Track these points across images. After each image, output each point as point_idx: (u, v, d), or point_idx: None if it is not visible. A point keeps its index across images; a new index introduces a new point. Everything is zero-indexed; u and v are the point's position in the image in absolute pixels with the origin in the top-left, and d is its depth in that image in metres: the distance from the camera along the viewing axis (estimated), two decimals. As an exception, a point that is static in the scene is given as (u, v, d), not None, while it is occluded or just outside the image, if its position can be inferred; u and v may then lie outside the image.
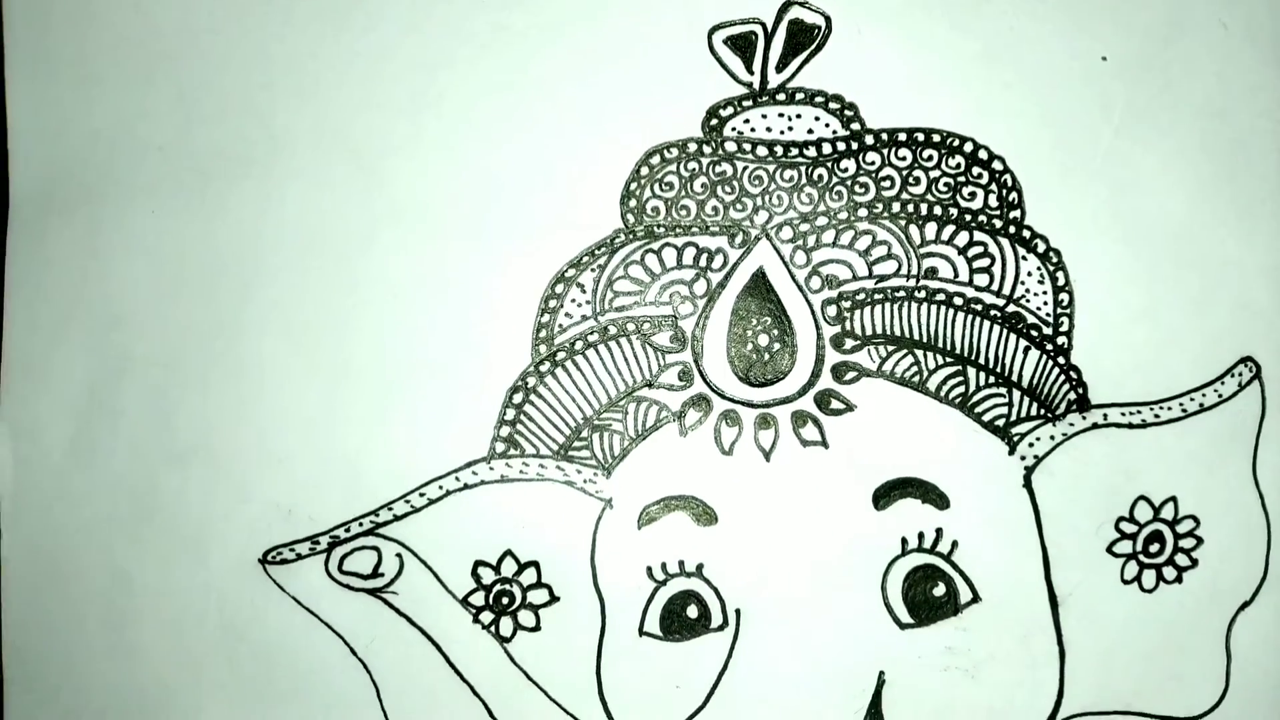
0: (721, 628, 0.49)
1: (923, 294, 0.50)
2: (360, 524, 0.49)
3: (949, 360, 0.50)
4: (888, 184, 0.50)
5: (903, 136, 0.50)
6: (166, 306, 0.50)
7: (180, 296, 0.50)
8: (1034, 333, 0.50)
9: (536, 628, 0.49)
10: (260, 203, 0.50)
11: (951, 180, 0.50)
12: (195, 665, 0.49)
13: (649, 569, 0.49)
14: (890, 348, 0.50)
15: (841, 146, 0.50)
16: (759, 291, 0.50)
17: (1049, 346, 0.50)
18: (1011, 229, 0.50)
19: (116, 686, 0.49)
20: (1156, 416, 0.50)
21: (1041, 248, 0.50)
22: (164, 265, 0.50)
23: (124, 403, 0.50)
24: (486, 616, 0.49)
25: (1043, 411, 0.50)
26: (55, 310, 0.50)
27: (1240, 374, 0.50)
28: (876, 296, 0.50)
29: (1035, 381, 0.50)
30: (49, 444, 0.50)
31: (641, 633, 0.49)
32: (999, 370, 0.50)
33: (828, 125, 0.50)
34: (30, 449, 0.50)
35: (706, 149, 0.50)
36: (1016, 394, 0.50)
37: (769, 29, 0.50)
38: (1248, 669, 0.50)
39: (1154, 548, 0.50)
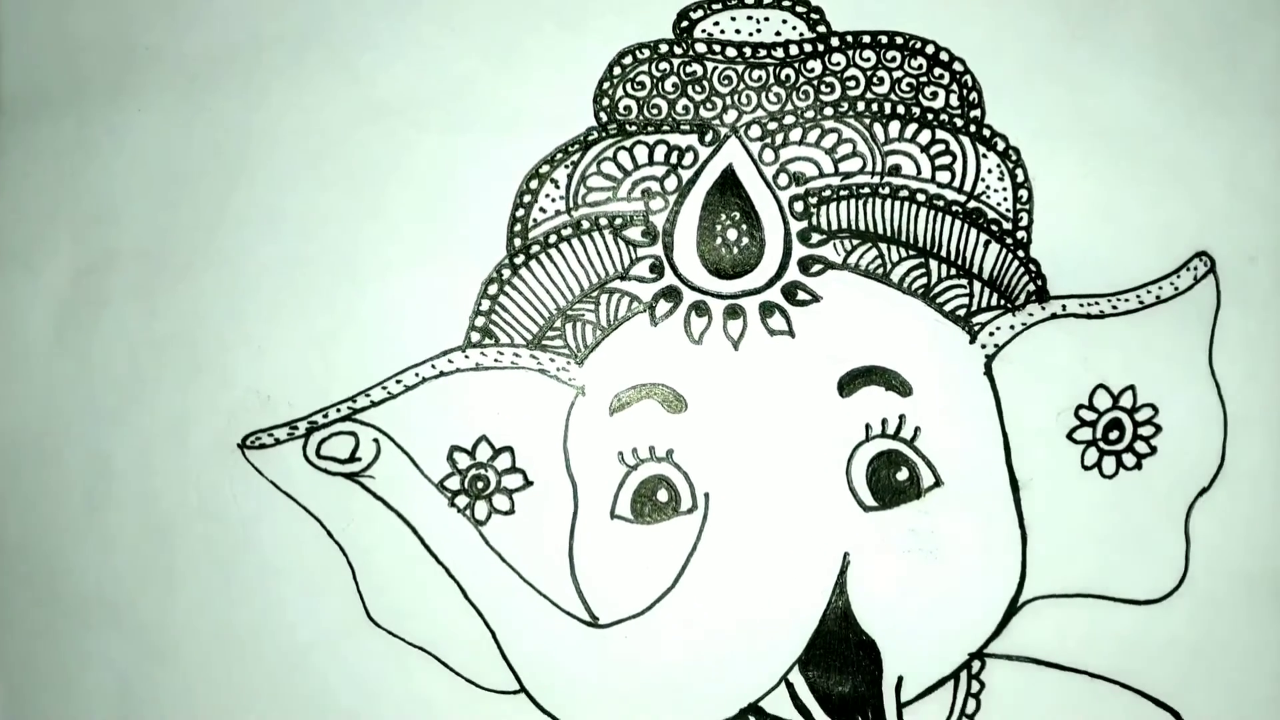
0: (691, 511, 0.50)
1: (887, 190, 0.51)
2: (338, 410, 0.50)
3: (912, 253, 0.51)
4: (852, 84, 0.52)
5: (867, 39, 0.52)
6: (152, 201, 0.51)
7: (166, 192, 0.51)
8: (994, 227, 0.52)
9: (510, 511, 0.51)
10: (244, 102, 0.52)
11: (914, 81, 0.52)
12: (173, 548, 0.50)
13: (620, 454, 0.50)
14: (855, 241, 0.51)
15: (808, 48, 0.52)
16: (728, 188, 0.51)
17: (1009, 241, 0.52)
18: (972, 128, 0.52)
19: (95, 568, 0.51)
20: (1114, 308, 0.52)
21: (1001, 146, 0.52)
22: (150, 162, 0.52)
23: (108, 292, 0.51)
24: (462, 500, 0.50)
25: (1002, 302, 0.51)
26: (43, 205, 0.52)
27: (1195, 268, 0.52)
28: (842, 193, 0.51)
29: (995, 273, 0.51)
30: (33, 332, 0.51)
31: (613, 516, 0.50)
32: (960, 263, 0.52)
33: (794, 28, 0.52)
34: (14, 336, 0.51)
35: (677, 50, 0.52)
36: (977, 285, 0.52)
37: (737, -65, 0.52)
38: (1207, 554, 0.51)
39: (1113, 435, 0.51)
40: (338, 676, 0.50)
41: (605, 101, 0.51)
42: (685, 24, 0.52)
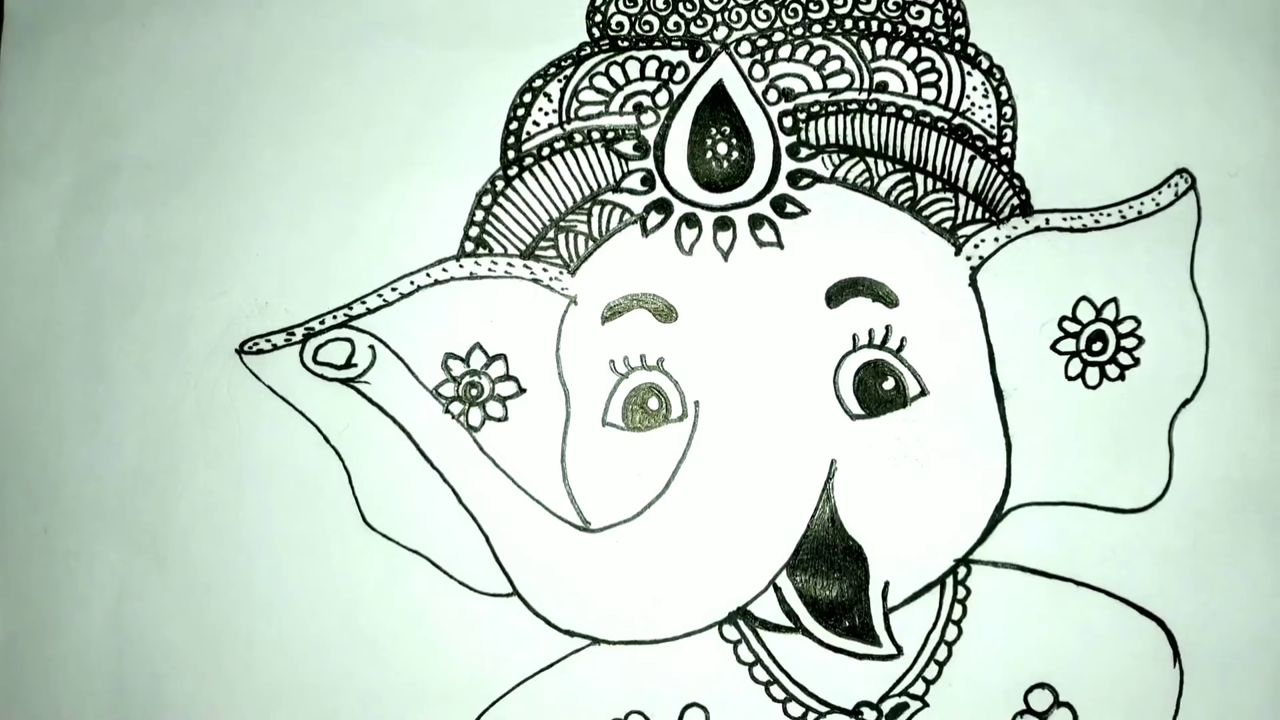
0: (681, 419, 0.51)
1: (874, 106, 0.52)
2: (334, 316, 0.51)
3: (898, 167, 0.52)
4: (840, 2, 0.53)
5: (854, -41, 0.53)
6: (154, 114, 0.53)
7: (167, 105, 0.53)
8: (979, 143, 0.53)
9: (504, 418, 0.51)
10: (244, 17, 0.53)
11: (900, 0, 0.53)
12: (171, 451, 0.51)
13: (611, 362, 0.51)
14: (843, 156, 0.52)
15: (797, -33, 0.53)
16: (718, 103, 0.52)
17: (993, 156, 0.53)
18: (957, 46, 0.53)
19: (94, 471, 0.51)
20: (1097, 222, 0.53)
21: (985, 64, 0.53)
22: (152, 77, 0.53)
23: (110, 202, 0.52)
24: (456, 407, 0.51)
25: (987, 215, 0.52)
26: (48, 117, 0.53)
27: (1176, 184, 0.53)
28: (830, 108, 0.52)
29: (980, 187, 0.52)
30: (37, 240, 0.52)
31: (604, 423, 0.51)
32: (945, 177, 0.53)
33: (783, -52, 0.53)
34: (19, 244, 0.52)
35: (669, -32, 0.53)
36: (962, 199, 0.52)
37: None
38: (1190, 463, 0.52)
39: (1097, 346, 0.52)
40: (332, 579, 0.51)
41: (598, 17, 0.53)
42: (677, -57, 0.53)
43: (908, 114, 0.52)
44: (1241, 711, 0.52)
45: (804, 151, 0.52)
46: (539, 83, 0.52)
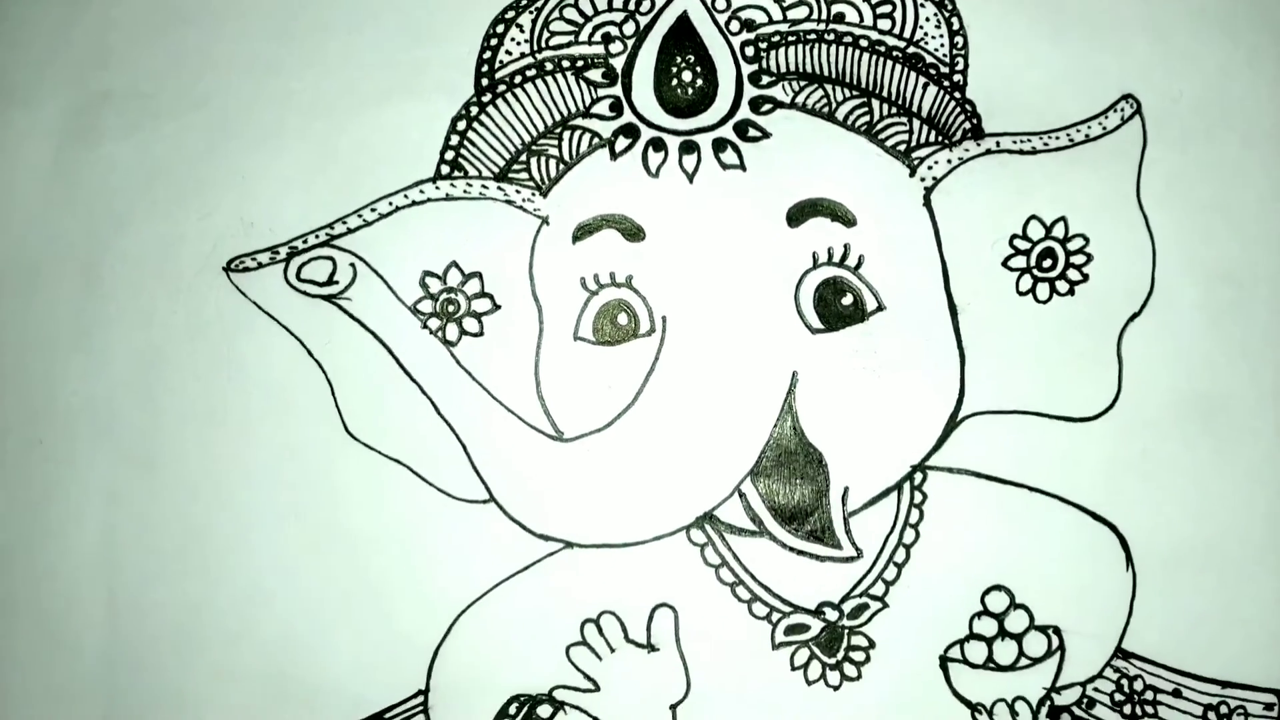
0: (649, 333, 0.53)
1: (831, 36, 0.55)
2: (317, 236, 0.53)
3: (855, 94, 0.55)
4: (799, -63, 0.55)
5: (811, -106, 0.55)
6: (145, 45, 0.55)
7: (159, 36, 0.55)
8: (932, 71, 0.55)
9: (480, 333, 0.54)
10: (233, -47, 0.55)
11: (856, -67, 0.55)
12: (160, 364, 0.53)
13: (582, 280, 0.54)
14: (802, 83, 0.55)
15: (758, -98, 0.55)
16: (683, 33, 0.55)
17: (945, 83, 0.55)
18: (911, -21, 0.56)
19: (85, 383, 0.53)
20: (1045, 145, 0.55)
21: (938, -3, 0.56)
22: (144, 8, 0.55)
23: (102, 129, 0.55)
24: (434, 322, 0.53)
25: (940, 139, 0.55)
26: (41, 49, 0.55)
27: (1122, 109, 0.55)
28: (790, 38, 0.55)
29: (934, 112, 0.55)
30: (30, 164, 0.54)
31: (576, 338, 0.54)
32: (900, 103, 0.55)
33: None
34: (12, 169, 0.55)
35: (635, -99, 0.55)
36: (916, 123, 0.55)
37: None
38: (1139, 375, 0.54)
39: (1046, 263, 0.54)
40: (315, 487, 0.53)
41: (568, -48, 0.55)
42: (643, -124, 0.55)
43: (864, 43, 0.55)
44: (1192, 612, 0.54)
45: (765, 79, 0.55)
46: (511, 14, 0.55)
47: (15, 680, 0.52)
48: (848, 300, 0.54)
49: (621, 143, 0.54)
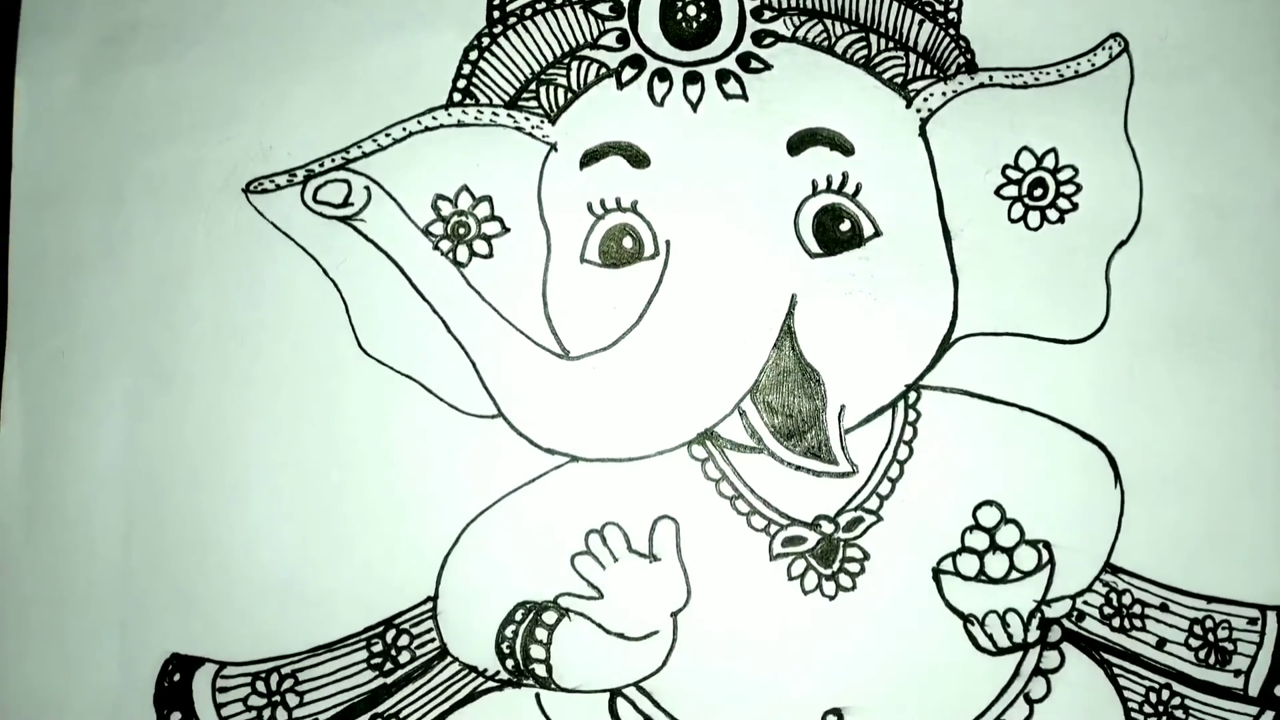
0: (653, 256, 0.55)
1: (832, -27, 0.57)
2: (333, 159, 0.55)
3: (854, 28, 0.57)
4: (799, -122, 0.57)
5: None
6: (169, -23, 0.57)
7: (181, -31, 0.57)
8: (928, 8, 0.57)
9: (489, 255, 0.56)
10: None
11: (854, -125, 0.58)
12: (182, 282, 0.55)
13: (589, 204, 0.56)
14: (803, 18, 0.57)
15: None
16: (688, -32, 0.57)
17: (940, 20, 0.57)
18: (909, -81, 0.58)
19: (109, 300, 0.55)
20: (1036, 80, 0.57)
21: (935, -64, 0.58)
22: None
23: (129, 58, 0.56)
24: (445, 244, 0.55)
25: (936, 72, 0.57)
26: (70, -16, 0.58)
27: (1110, 47, 0.57)
28: (791, -25, 0.57)
29: (929, 47, 0.57)
30: (59, 92, 0.56)
31: (582, 260, 0.55)
32: (897, 37, 0.57)
33: None
34: (42, 96, 0.57)
35: None
36: (913, 57, 0.57)
37: None
38: (1127, 300, 0.56)
39: (1038, 192, 0.56)
40: (330, 402, 0.55)
41: (579, -109, 0.57)
42: None
43: (863, -20, 0.57)
44: (1179, 530, 0.55)
45: (767, 14, 0.57)
46: (523, -51, 0.57)
47: (35, 586, 0.54)
48: (845, 226, 0.56)
49: (628, 73, 0.56)
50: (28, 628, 0.54)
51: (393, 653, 0.53)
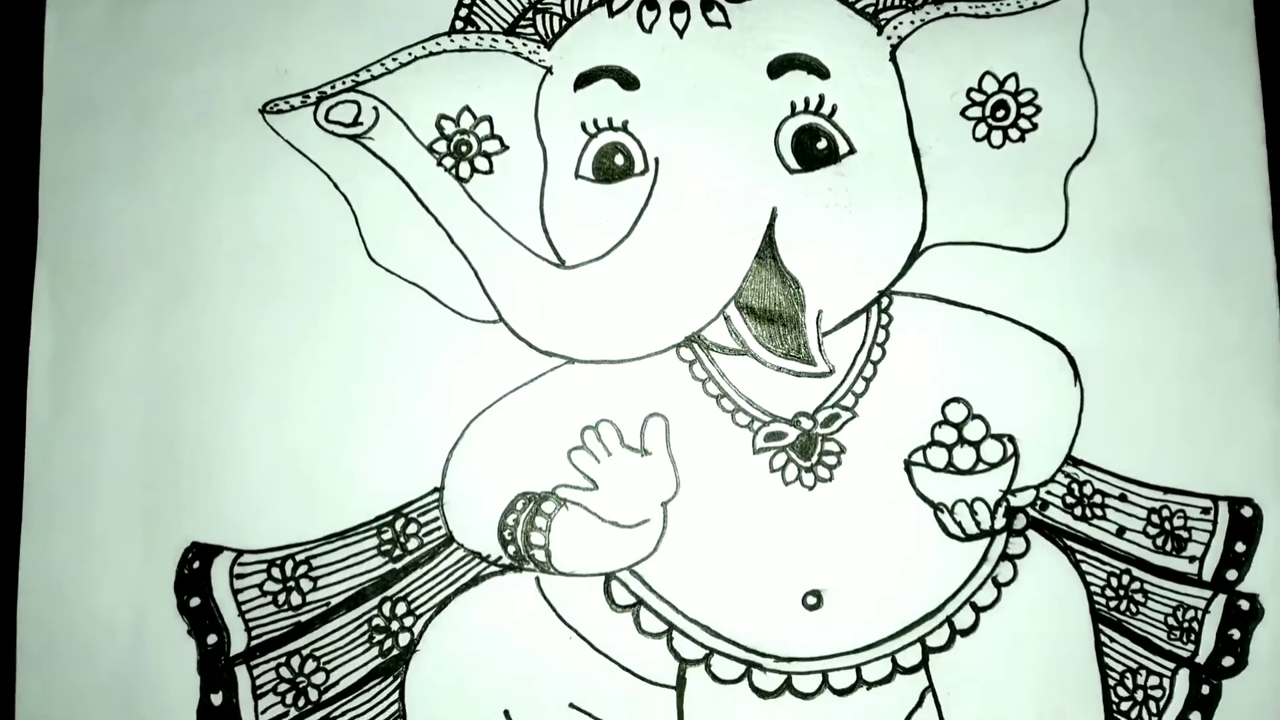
0: (643, 173, 0.59)
1: (806, -90, 0.61)
2: (343, 82, 0.59)
3: (828, -38, 0.61)
4: None
5: None
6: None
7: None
8: (898, -56, 0.61)
9: (490, 171, 0.59)
10: None
11: None
12: (202, 197, 0.59)
13: (583, 123, 0.59)
14: (781, -49, 0.61)
15: None
16: (670, -91, 0.61)
17: (908, -45, 0.61)
18: None
19: (132, 213, 0.59)
20: (998, 10, 0.61)
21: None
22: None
23: (150, -6, 0.61)
24: (448, 161, 0.59)
25: (904, 2, 0.61)
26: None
27: (1067, -20, 0.62)
28: (769, -88, 0.61)
29: (898, -21, 0.61)
30: (90, 20, 0.60)
31: (577, 176, 0.59)
32: (868, -30, 0.61)
33: None
34: (71, 23, 0.60)
35: None
36: (883, -12, 0.61)
37: None
38: (1084, 213, 0.60)
39: (1000, 113, 0.61)
40: (342, 310, 0.58)
41: None
42: None
43: (837, -84, 0.61)
44: (1135, 424, 0.59)
45: (747, -54, 0.61)
46: (514, -104, 0.61)
47: (63, 480, 0.57)
48: (822, 144, 0.60)
49: (618, 2, 0.60)
50: (56, 519, 0.57)
51: (401, 540, 0.57)
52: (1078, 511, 0.59)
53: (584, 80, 0.60)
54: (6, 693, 0.56)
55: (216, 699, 0.56)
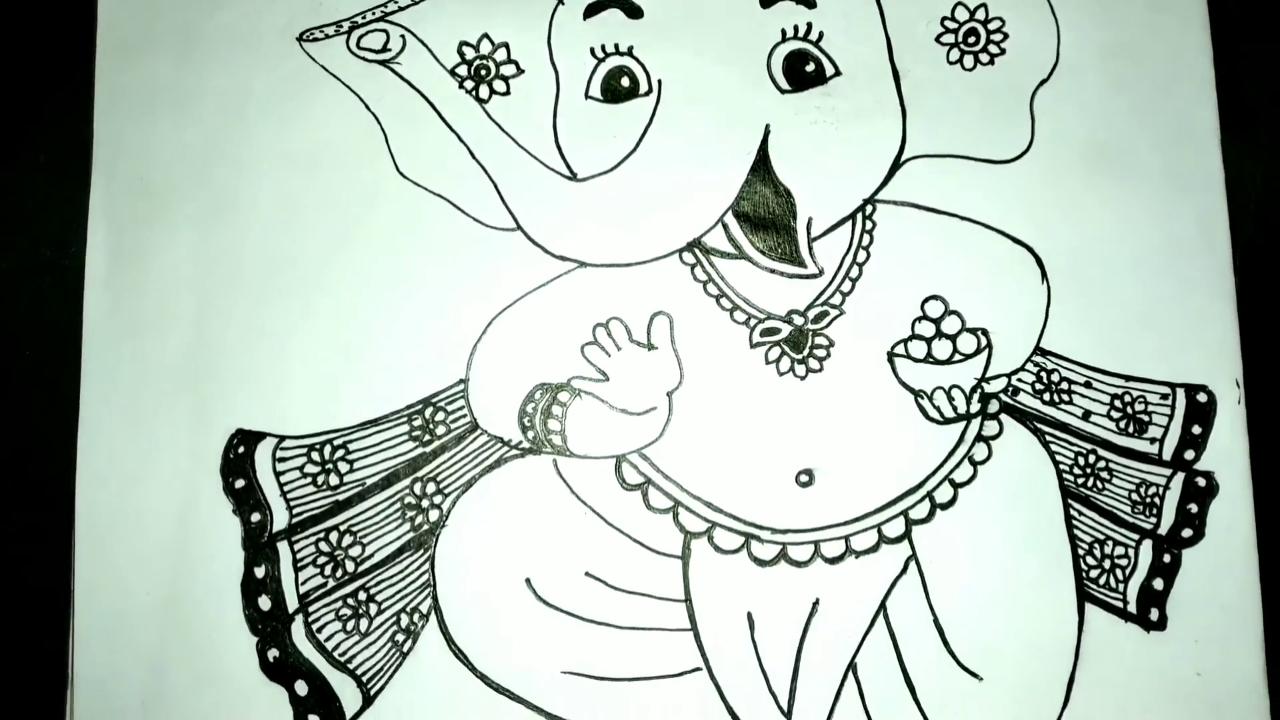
0: (647, 93, 0.65)
1: None
2: (374, 12, 0.65)
3: (811, -94, 0.67)
4: None
5: None
6: None
7: None
8: (877, -114, 0.67)
9: (507, 93, 0.65)
10: None
11: None
12: (244, 120, 0.64)
13: (592, 49, 0.65)
14: (772, -108, 0.67)
15: None
16: None
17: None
18: None
19: (178, 131, 0.64)
20: (969, -54, 0.67)
21: None
22: None
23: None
24: (469, 84, 0.65)
25: (884, -60, 0.67)
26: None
27: (1030, -82, 0.68)
28: None
29: (878, -82, 0.67)
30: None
31: (587, 97, 0.65)
32: (851, -89, 0.67)
33: None
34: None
35: None
36: (864, -74, 0.67)
37: None
38: (1050, 129, 0.66)
39: (971, 39, 0.66)
40: (373, 218, 0.63)
41: None
42: None
43: None
44: (1098, 318, 0.65)
45: (739, -110, 0.67)
46: None
47: (118, 372, 0.62)
48: (810, 67, 0.65)
49: (620, -56, 0.66)
50: (112, 407, 0.62)
51: (430, 426, 0.62)
52: (1046, 397, 0.64)
53: (593, 9, 0.65)
54: (65, 568, 0.61)
55: (260, 571, 0.61)
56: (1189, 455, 0.64)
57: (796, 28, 0.65)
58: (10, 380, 0.64)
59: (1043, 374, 0.64)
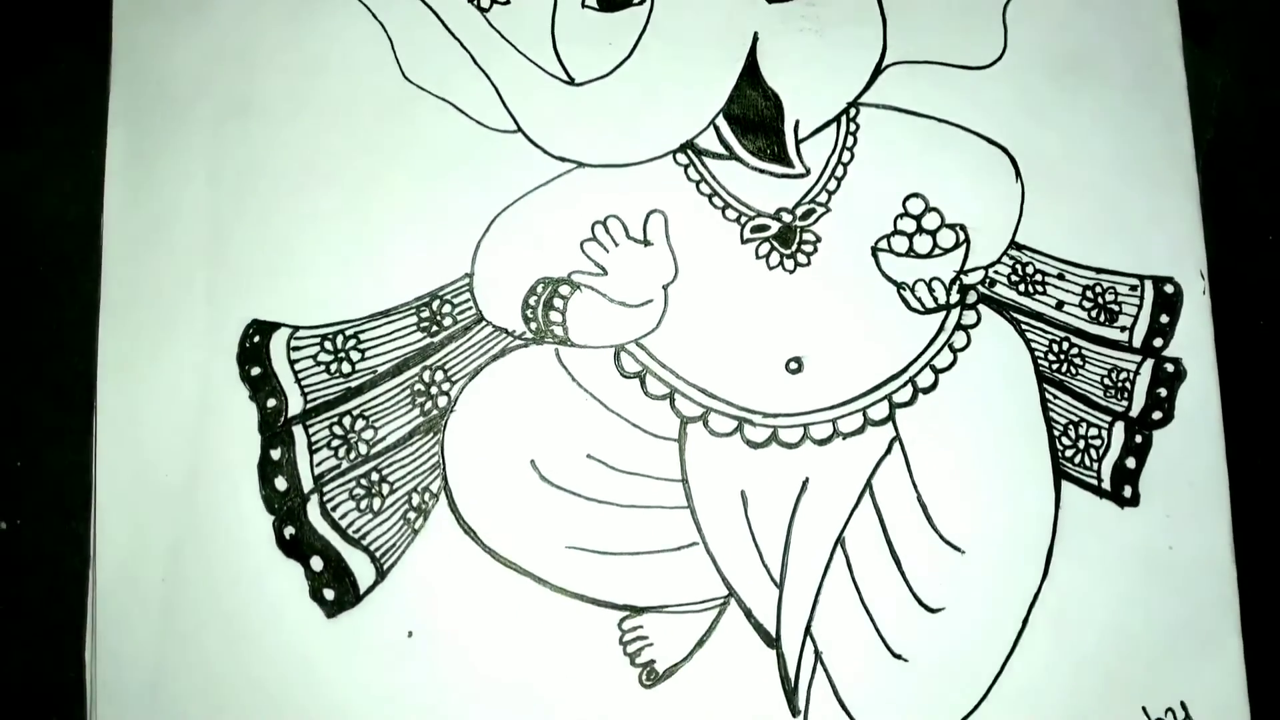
0: (641, 2, 0.68)
1: None
2: (380, -75, 0.68)
3: None
4: None
5: None
6: None
7: None
8: None
9: (507, 2, 0.68)
10: None
11: None
12: (258, 29, 0.67)
13: (588, -37, 0.69)
14: None
15: None
16: None
17: None
18: None
19: (192, 41, 0.67)
20: None
21: None
22: None
23: None
24: (472, -4, 0.68)
25: None
26: None
27: None
28: None
29: None
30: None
31: (584, 5, 0.68)
32: None
33: None
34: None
35: None
36: None
37: None
38: (1023, 38, 0.70)
39: (950, -37, 0.70)
40: (383, 124, 0.66)
41: None
42: None
43: None
44: (1070, 214, 0.68)
45: None
46: None
47: (137, 267, 0.64)
48: (794, -16, 0.69)
49: (615, -123, 0.69)
50: (132, 298, 0.64)
51: (438, 317, 0.65)
52: (1021, 288, 0.68)
53: (585, -56, 0.68)
54: (87, 452, 0.63)
55: (275, 454, 0.63)
56: (1157, 342, 0.68)
57: (782, -35, 0.69)
58: (35, 278, 0.67)
59: (1018, 266, 0.68)
